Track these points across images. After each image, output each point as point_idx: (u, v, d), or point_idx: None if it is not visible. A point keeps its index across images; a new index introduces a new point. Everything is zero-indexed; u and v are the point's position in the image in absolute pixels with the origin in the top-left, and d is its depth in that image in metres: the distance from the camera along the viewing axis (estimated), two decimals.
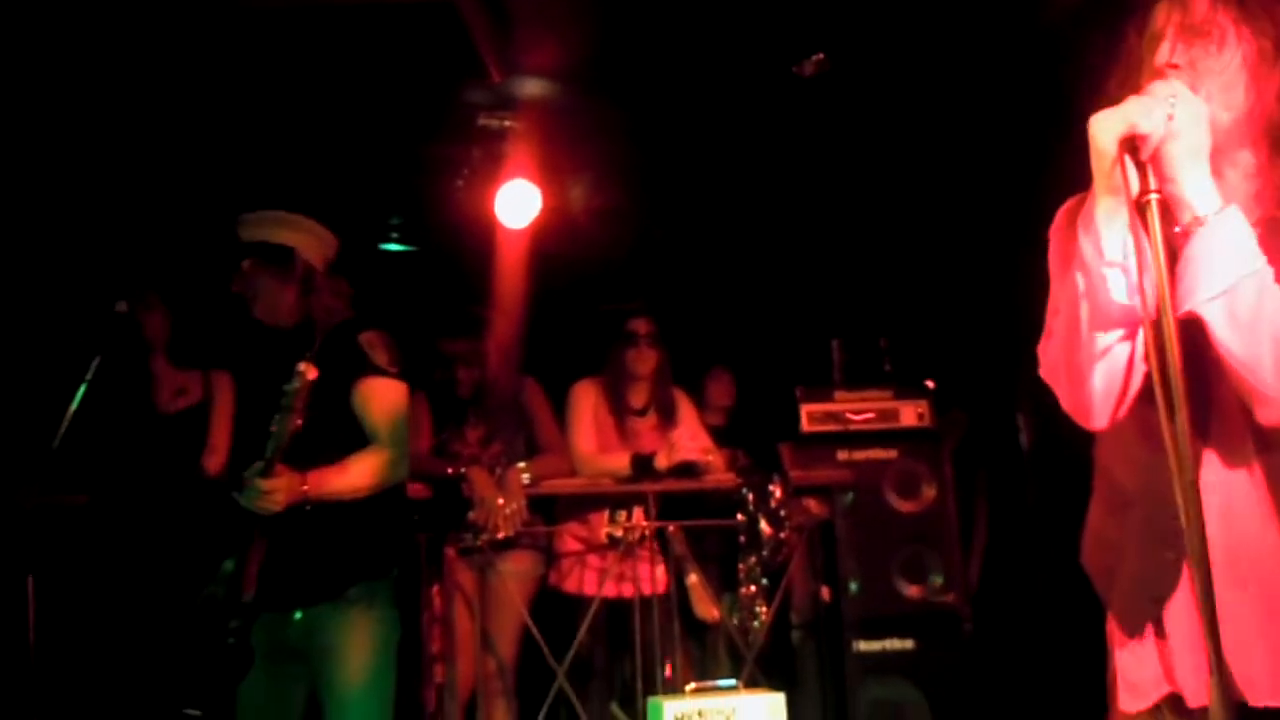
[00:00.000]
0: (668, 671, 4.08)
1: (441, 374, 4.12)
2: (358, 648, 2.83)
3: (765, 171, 4.94)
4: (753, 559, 4.14)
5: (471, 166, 4.95)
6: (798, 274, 5.33)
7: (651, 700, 3.44)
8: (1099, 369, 1.51)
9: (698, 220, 5.30)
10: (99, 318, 2.96)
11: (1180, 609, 1.53)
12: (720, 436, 4.67)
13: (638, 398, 4.34)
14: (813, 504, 4.38)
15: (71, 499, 3.73)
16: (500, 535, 3.84)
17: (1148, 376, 1.46)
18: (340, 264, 3.14)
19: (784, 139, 4.70)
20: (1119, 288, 1.46)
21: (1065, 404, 1.59)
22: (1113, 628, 1.67)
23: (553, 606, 4.19)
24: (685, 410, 4.40)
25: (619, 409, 4.28)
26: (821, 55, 4.04)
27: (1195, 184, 1.42)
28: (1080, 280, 1.49)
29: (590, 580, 4.15)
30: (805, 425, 4.58)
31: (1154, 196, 1.39)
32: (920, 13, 3.82)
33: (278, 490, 2.71)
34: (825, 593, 4.41)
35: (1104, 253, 1.46)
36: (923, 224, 5.13)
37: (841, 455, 4.55)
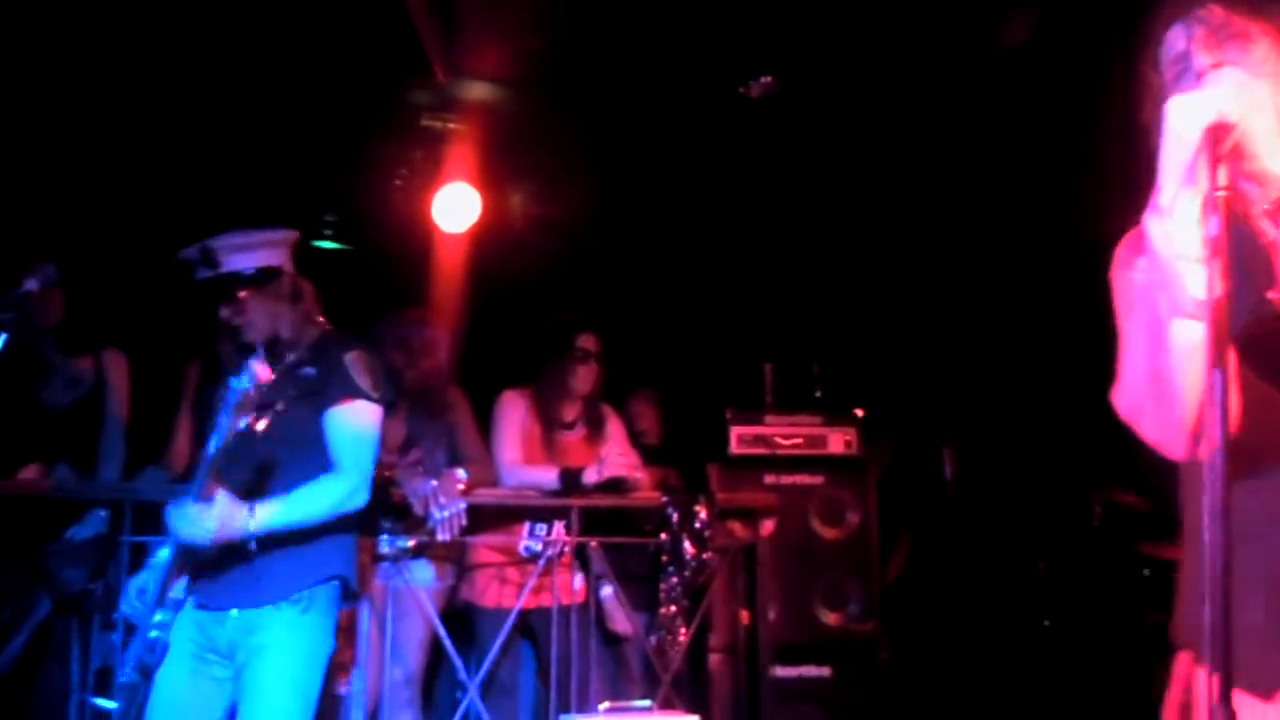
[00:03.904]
0: (585, 687, 4.03)
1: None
2: (291, 650, 2.75)
3: (706, 191, 4.94)
4: (674, 579, 4.10)
5: (411, 167, 4.89)
6: (734, 295, 5.33)
7: (563, 718, 3.39)
8: (1188, 375, 1.38)
9: (637, 236, 5.28)
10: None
11: None
12: (651, 456, 4.64)
13: (569, 412, 4.28)
14: (737, 527, 4.36)
15: None
16: (439, 538, 3.76)
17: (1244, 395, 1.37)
18: None
19: (727, 160, 4.71)
20: (1197, 284, 1.35)
21: (1151, 433, 1.48)
22: (1201, 686, 1.48)
23: (463, 619, 4.11)
24: (614, 427, 4.35)
25: (548, 421, 4.21)
26: (770, 78, 4.04)
27: (1269, 170, 1.36)
28: (1154, 279, 1.40)
29: (505, 593, 4.08)
30: (734, 447, 4.58)
31: (1223, 193, 1.30)
32: (869, 41, 3.85)
33: (210, 519, 2.61)
34: (744, 616, 4.39)
35: (1181, 246, 1.36)
36: (860, 251, 5.16)
37: (769, 479, 4.57)
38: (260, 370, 2.53)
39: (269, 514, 2.68)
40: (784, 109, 4.24)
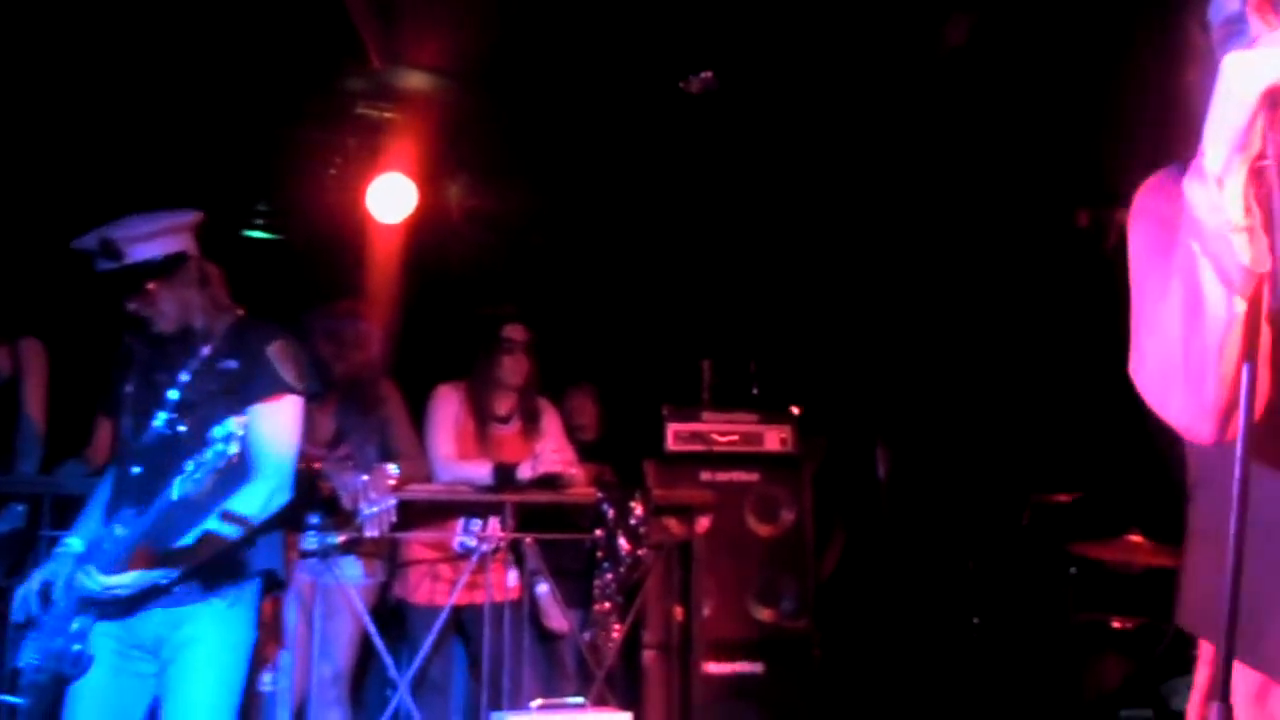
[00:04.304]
0: (517, 684, 4.00)
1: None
2: (219, 643, 2.70)
3: (646, 186, 4.92)
4: (609, 575, 4.07)
5: (346, 156, 4.80)
6: (673, 292, 5.32)
7: (495, 715, 3.36)
8: (1228, 350, 1.29)
9: (576, 231, 5.25)
10: None
11: None
12: (588, 452, 4.62)
13: (503, 405, 4.24)
14: (673, 523, 4.35)
15: None
16: (368, 534, 3.69)
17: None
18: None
19: (666, 155, 4.69)
20: (1244, 251, 1.26)
21: (1179, 415, 1.37)
22: (1242, 684, 1.44)
23: (395, 616, 4.05)
24: (550, 422, 4.32)
25: (482, 416, 4.17)
26: (710, 74, 4.03)
27: None
28: (1191, 259, 1.29)
29: (437, 590, 4.03)
30: (671, 444, 4.58)
31: (1269, 163, 1.22)
32: (809, 38, 3.86)
33: (121, 588, 2.54)
34: (679, 613, 4.38)
35: (1228, 215, 1.26)
36: (798, 249, 5.18)
37: (705, 476, 4.57)
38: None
39: (185, 560, 2.61)
40: (724, 105, 4.23)
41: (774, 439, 4.69)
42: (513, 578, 4.13)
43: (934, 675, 4.95)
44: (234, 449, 2.42)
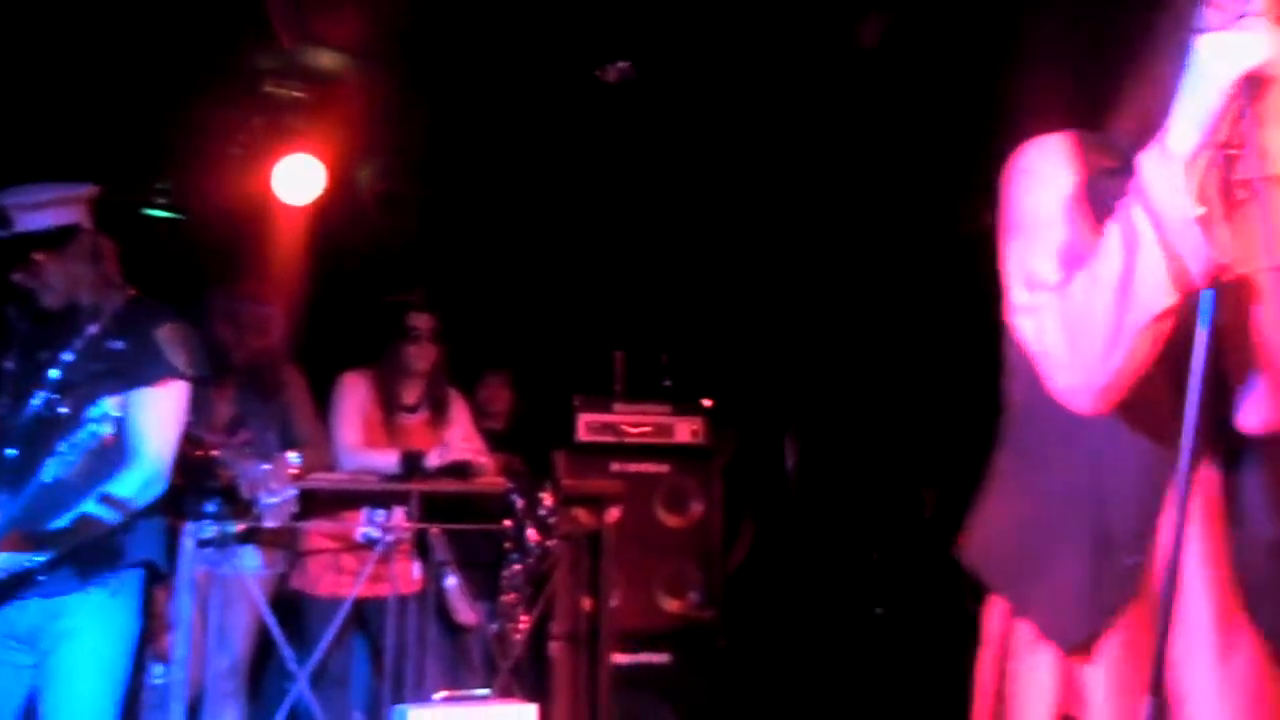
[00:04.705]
0: (421, 677, 3.94)
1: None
2: (100, 634, 2.62)
3: (561, 175, 4.88)
4: (517, 566, 4.04)
5: (252, 135, 4.67)
6: (586, 282, 5.30)
7: (398, 709, 3.31)
8: (1141, 343, 1.29)
9: (489, 218, 5.18)
10: None
11: (1133, 622, 1.39)
12: (497, 442, 4.57)
13: (410, 394, 4.18)
14: (582, 514, 4.34)
15: None
16: (267, 524, 3.60)
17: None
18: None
19: (582, 144, 4.66)
20: (1192, 249, 1.24)
21: (1069, 376, 1.35)
22: (1012, 629, 1.49)
23: (294, 607, 3.96)
24: (459, 410, 4.27)
25: (389, 404, 4.10)
26: (627, 64, 4.01)
27: (1275, 140, 1.25)
28: (1136, 233, 1.27)
29: (339, 582, 3.95)
30: (581, 435, 4.56)
31: (1235, 152, 1.22)
32: (726, 30, 3.86)
33: None
34: (587, 604, 4.37)
35: (1182, 206, 1.23)
36: (711, 242, 5.20)
37: (615, 467, 4.57)
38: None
39: (59, 542, 2.52)
40: (640, 95, 4.22)
41: (685, 431, 4.71)
42: (416, 570, 4.08)
43: (837, 665, 5.02)
44: (108, 430, 2.34)
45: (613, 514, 4.33)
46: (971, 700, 1.57)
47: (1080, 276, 1.32)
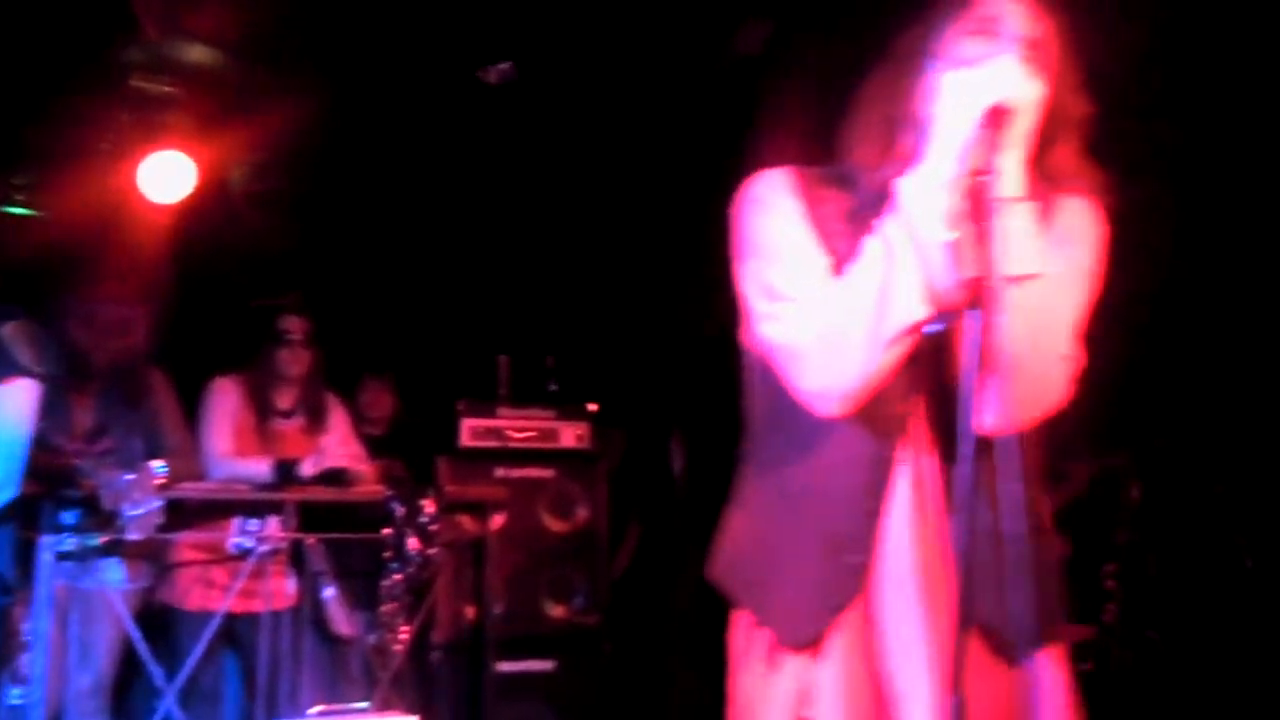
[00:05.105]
0: (296, 692, 3.83)
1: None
2: None
3: (442, 175, 4.81)
4: (397, 575, 3.96)
5: (118, 130, 4.49)
6: (470, 285, 5.23)
7: None
8: (892, 352, 1.41)
9: (368, 218, 5.07)
10: None
11: (857, 619, 1.48)
12: (378, 448, 4.48)
13: (285, 399, 4.06)
14: (466, 520, 4.28)
15: None
16: (130, 537, 3.45)
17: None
18: None
19: (463, 145, 4.60)
20: (943, 265, 1.38)
21: (820, 381, 1.45)
22: (754, 640, 1.56)
23: (162, 622, 3.82)
24: (337, 416, 4.17)
25: (262, 409, 3.99)
26: (509, 64, 3.97)
27: (1015, 164, 1.38)
28: (893, 251, 1.39)
29: (209, 595, 3.83)
30: (465, 440, 4.51)
31: (987, 178, 1.34)
32: (610, 36, 3.85)
33: None
34: (470, 612, 4.31)
35: (938, 227, 1.37)
36: (596, 245, 5.18)
37: (499, 472, 4.52)
38: None
39: None
40: (523, 96, 4.18)
41: (570, 435, 4.69)
42: (291, 585, 3.97)
43: (722, 667, 5.04)
44: None
45: (496, 520, 4.28)
46: None
47: (838, 287, 1.44)
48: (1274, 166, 4.10)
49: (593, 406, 4.75)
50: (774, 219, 1.55)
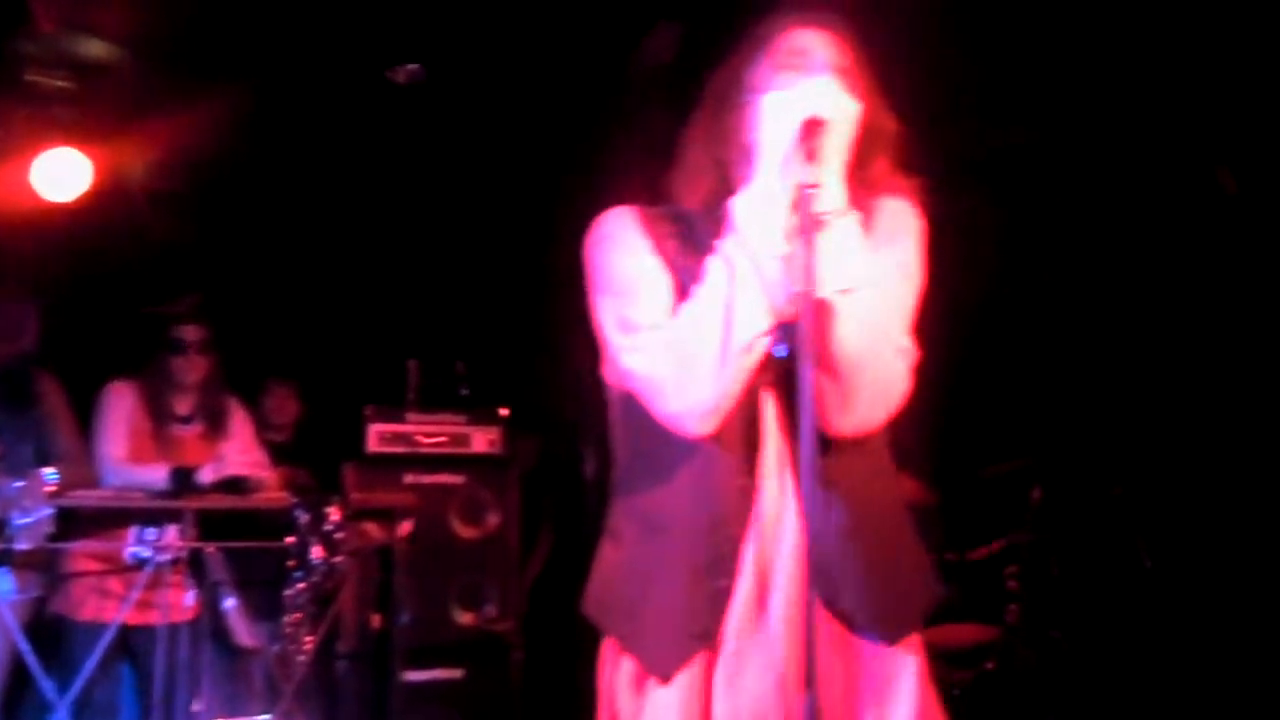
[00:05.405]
0: (195, 705, 3.74)
1: None
2: None
3: (350, 177, 4.73)
4: (301, 584, 3.89)
5: (12, 127, 4.34)
6: (378, 287, 5.16)
7: None
8: (741, 365, 1.46)
9: (273, 219, 4.97)
10: None
11: (720, 644, 1.50)
12: (283, 454, 4.39)
13: (183, 405, 3.96)
14: (373, 528, 4.22)
15: None
16: (19, 547, 3.34)
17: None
18: None
19: (371, 146, 4.53)
20: (780, 278, 1.44)
21: (671, 405, 1.50)
22: (621, 669, 1.58)
23: (54, 634, 3.70)
24: (239, 422, 4.07)
25: (159, 415, 3.88)
26: (417, 65, 3.93)
27: (836, 177, 1.44)
28: (734, 269, 1.44)
29: (104, 606, 3.71)
30: (372, 446, 4.44)
31: (813, 191, 1.40)
32: (517, 36, 3.83)
33: None
34: (376, 620, 4.25)
35: (772, 242, 1.43)
36: (506, 247, 5.15)
37: (408, 479, 4.47)
38: None
39: None
40: (432, 97, 4.13)
41: (482, 440, 4.65)
42: (189, 598, 3.87)
43: None
44: None
45: (404, 527, 4.22)
46: None
47: (686, 309, 1.50)
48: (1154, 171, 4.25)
49: (505, 411, 4.71)
50: (623, 254, 1.61)
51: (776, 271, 1.44)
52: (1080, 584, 4.75)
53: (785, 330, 1.48)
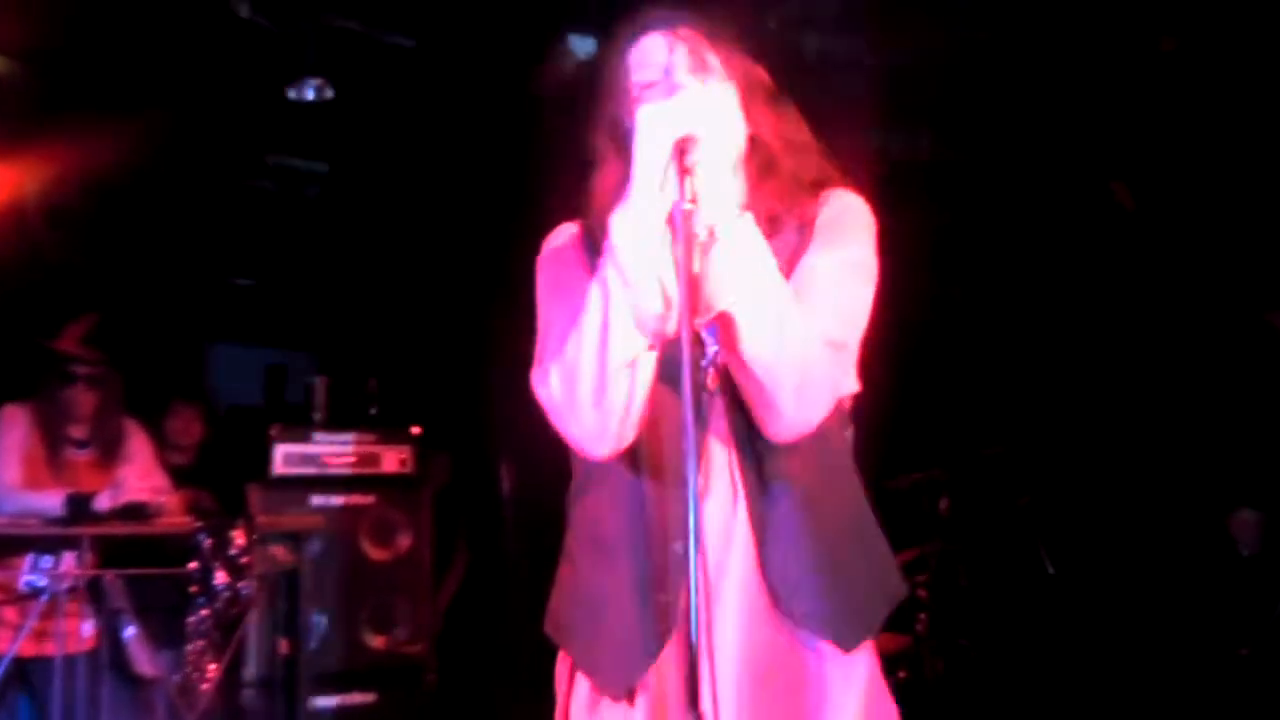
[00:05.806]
0: None
1: None
2: None
3: (258, 195, 4.65)
4: (204, 611, 3.80)
5: None
6: (285, 305, 5.07)
7: None
8: (621, 385, 1.42)
9: (174, 237, 4.86)
10: None
11: (670, 658, 1.48)
12: (186, 477, 4.28)
13: (78, 429, 3.85)
14: (279, 551, 4.13)
15: None
16: None
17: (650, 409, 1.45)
18: None
19: (280, 163, 4.46)
20: (656, 296, 1.40)
21: (575, 429, 1.47)
22: (576, 686, 1.56)
23: None
24: (138, 445, 3.97)
25: (54, 440, 3.76)
26: (322, 80, 3.87)
27: (725, 188, 1.41)
28: (608, 289, 1.41)
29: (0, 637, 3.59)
30: (278, 467, 4.35)
31: (690, 206, 1.37)
32: (424, 66, 3.81)
33: None
34: (284, 646, 4.16)
35: (643, 260, 1.39)
36: (417, 266, 5.10)
37: (316, 500, 4.39)
38: None
39: None
40: (341, 113, 4.08)
41: (393, 460, 4.59)
42: (88, 628, 3.76)
43: (552, 699, 5.00)
44: None
45: (312, 550, 4.15)
46: None
47: (571, 334, 1.45)
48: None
49: (417, 430, 4.66)
50: (557, 274, 1.58)
51: (654, 291, 1.39)
52: (987, 592, 4.84)
53: (712, 335, 1.45)
